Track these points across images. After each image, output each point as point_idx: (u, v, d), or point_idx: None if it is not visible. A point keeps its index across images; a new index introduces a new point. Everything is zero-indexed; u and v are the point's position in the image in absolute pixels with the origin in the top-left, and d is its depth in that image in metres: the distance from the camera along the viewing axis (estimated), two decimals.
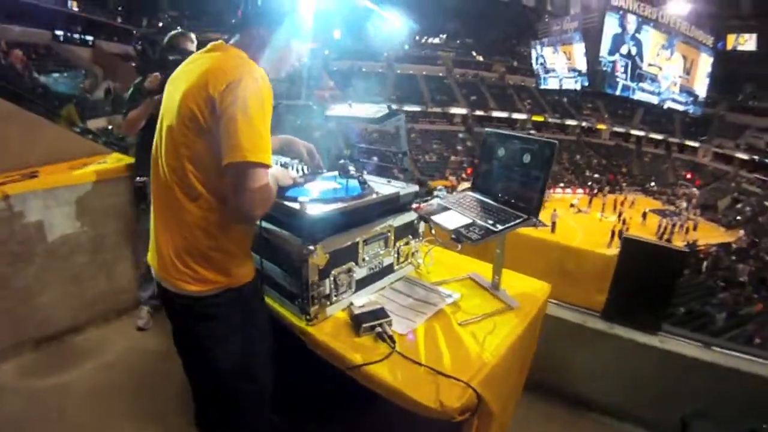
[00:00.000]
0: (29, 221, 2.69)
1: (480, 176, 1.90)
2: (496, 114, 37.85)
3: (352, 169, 1.81)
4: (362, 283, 1.64)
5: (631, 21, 19.13)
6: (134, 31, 27.96)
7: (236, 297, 1.40)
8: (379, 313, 1.47)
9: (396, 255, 1.77)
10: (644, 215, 25.28)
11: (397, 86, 36.72)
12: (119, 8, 30.41)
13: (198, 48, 2.93)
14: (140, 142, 2.95)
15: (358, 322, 1.43)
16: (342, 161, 1.87)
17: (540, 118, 38.13)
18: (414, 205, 1.77)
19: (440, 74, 39.77)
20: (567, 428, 2.50)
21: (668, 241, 21.07)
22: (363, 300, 1.59)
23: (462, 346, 1.43)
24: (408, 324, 1.50)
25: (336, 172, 1.89)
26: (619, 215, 24.70)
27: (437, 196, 1.86)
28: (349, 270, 1.54)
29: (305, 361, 1.51)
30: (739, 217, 26.62)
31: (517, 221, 1.55)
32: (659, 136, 36.87)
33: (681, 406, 2.04)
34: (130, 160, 3.13)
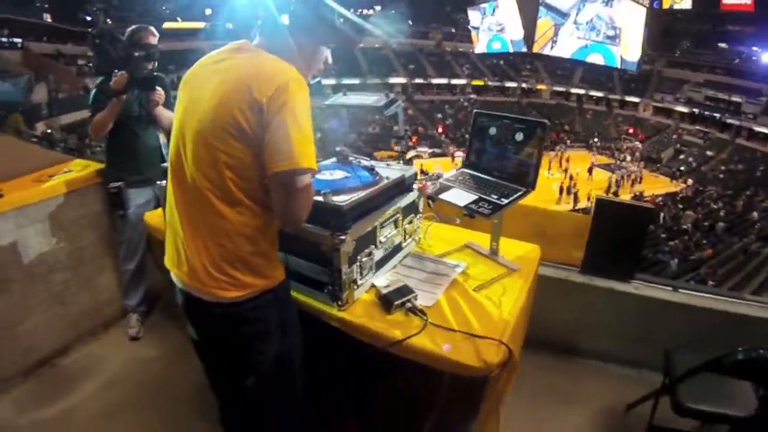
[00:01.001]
0: (1, 245, 2.52)
1: (473, 154, 2.04)
2: (435, 81, 38.22)
3: (351, 156, 1.90)
4: (380, 264, 1.74)
5: None
6: (89, 29, 26.33)
7: (273, 298, 1.41)
8: (405, 290, 1.58)
9: (403, 233, 1.88)
10: (590, 170, 26.27)
11: (334, 59, 36.21)
12: (45, 6, 28.66)
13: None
14: (111, 145, 2.86)
15: (388, 301, 1.54)
16: (339, 149, 1.94)
17: (480, 83, 38.72)
18: (418, 186, 1.88)
19: (376, 45, 39.40)
20: (557, 373, 2.72)
21: (615, 194, 22.09)
22: (383, 280, 1.69)
23: (483, 309, 1.58)
24: (430, 296, 1.63)
25: (333, 160, 1.97)
26: (565, 171, 25.57)
27: (436, 176, 1.98)
28: (370, 253, 1.64)
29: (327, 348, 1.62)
30: (682, 168, 28.06)
31: (519, 194, 1.71)
32: (600, 94, 37.99)
33: (658, 344, 2.29)
34: (98, 165, 3.00)
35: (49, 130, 16.63)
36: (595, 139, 33.34)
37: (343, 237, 1.45)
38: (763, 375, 1.77)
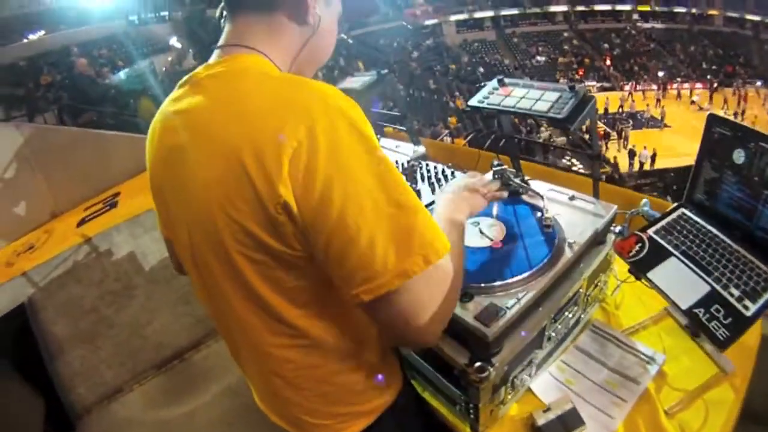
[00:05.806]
0: (119, 257, 2.58)
1: (702, 187, 1.26)
2: (598, 7, 33.85)
3: (514, 179, 1.17)
4: (543, 361, 1.20)
5: None
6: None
7: (394, 412, 0.99)
8: (570, 420, 1.04)
9: (584, 305, 1.27)
10: None
11: None
12: None
13: None
14: None
15: None
16: (497, 163, 1.18)
17: (646, 8, 33.50)
18: (616, 240, 1.23)
19: None
20: None
21: None
22: (542, 382, 1.18)
23: None
24: (605, 424, 1.06)
25: (489, 176, 1.17)
26: (743, 113, 21.55)
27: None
28: (530, 362, 1.11)
29: None
30: None
31: None
32: None
33: None
34: None
35: None
36: None
37: (485, 374, 0.94)
38: None
